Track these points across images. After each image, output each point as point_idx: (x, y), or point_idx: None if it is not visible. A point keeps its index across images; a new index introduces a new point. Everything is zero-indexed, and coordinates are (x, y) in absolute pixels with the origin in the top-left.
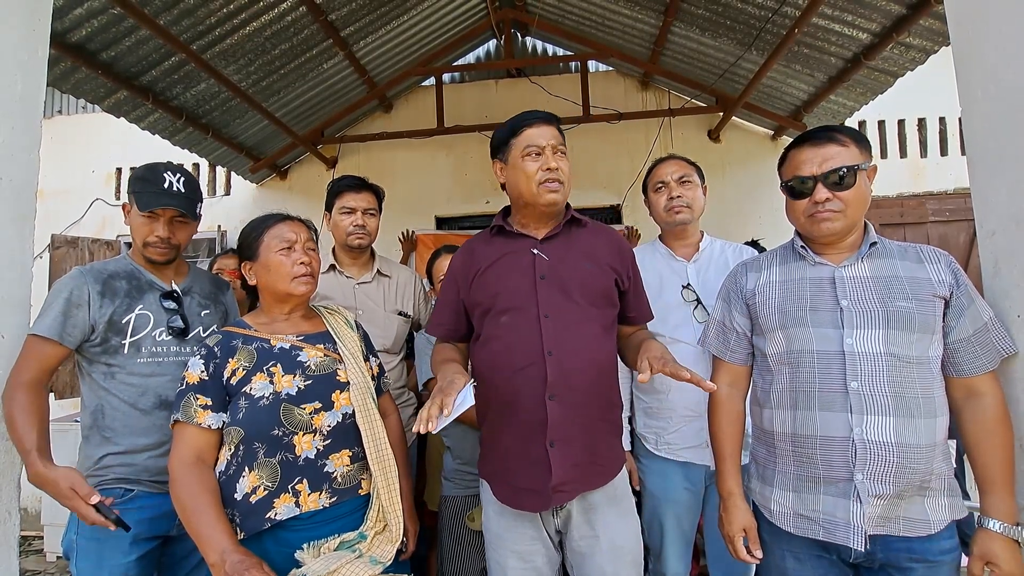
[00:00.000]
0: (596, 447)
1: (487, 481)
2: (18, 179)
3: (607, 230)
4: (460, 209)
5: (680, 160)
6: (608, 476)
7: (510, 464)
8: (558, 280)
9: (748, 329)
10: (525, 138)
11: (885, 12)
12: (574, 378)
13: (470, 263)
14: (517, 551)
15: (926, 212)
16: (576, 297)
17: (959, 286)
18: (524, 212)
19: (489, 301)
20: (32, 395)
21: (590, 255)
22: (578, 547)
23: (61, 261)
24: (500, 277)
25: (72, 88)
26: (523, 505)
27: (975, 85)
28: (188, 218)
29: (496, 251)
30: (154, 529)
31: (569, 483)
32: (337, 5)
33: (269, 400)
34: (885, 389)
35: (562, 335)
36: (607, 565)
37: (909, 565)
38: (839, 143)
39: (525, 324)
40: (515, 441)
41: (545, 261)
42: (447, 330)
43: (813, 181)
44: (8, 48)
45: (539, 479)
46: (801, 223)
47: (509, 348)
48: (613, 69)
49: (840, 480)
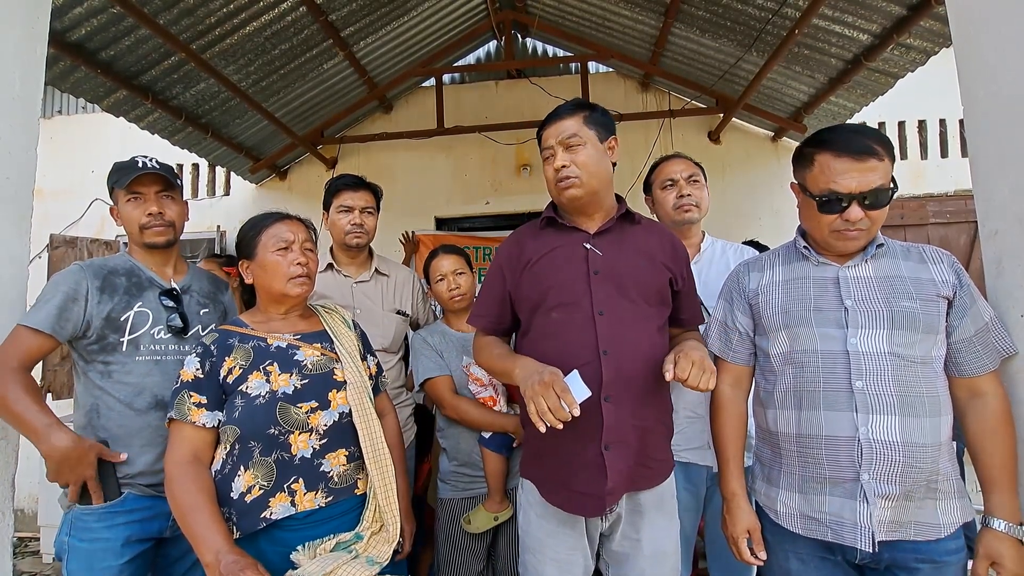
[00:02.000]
0: (649, 451)
1: (534, 484)
2: (16, 177)
3: (661, 228)
4: (460, 210)
5: (687, 159)
6: (660, 479)
7: (564, 468)
8: (613, 276)
9: (751, 329)
10: (541, 142)
11: (885, 13)
12: (630, 379)
13: (519, 255)
14: (556, 559)
15: (927, 214)
16: (632, 295)
17: (962, 286)
18: (564, 208)
19: (539, 295)
20: (25, 377)
21: (645, 252)
22: (620, 548)
23: (60, 261)
24: (552, 271)
25: (71, 87)
26: (579, 510)
27: (977, 84)
28: (172, 192)
29: (547, 244)
30: (147, 531)
31: (622, 486)
32: (337, 5)
33: (265, 399)
34: (890, 388)
35: (617, 333)
36: (648, 569)
37: (916, 566)
38: (878, 157)
39: (578, 321)
40: (569, 444)
41: (599, 256)
42: (490, 322)
43: (849, 199)
44: (6, 46)
45: (595, 483)
46: (823, 235)
47: (562, 345)
48: (613, 70)
49: (846, 480)
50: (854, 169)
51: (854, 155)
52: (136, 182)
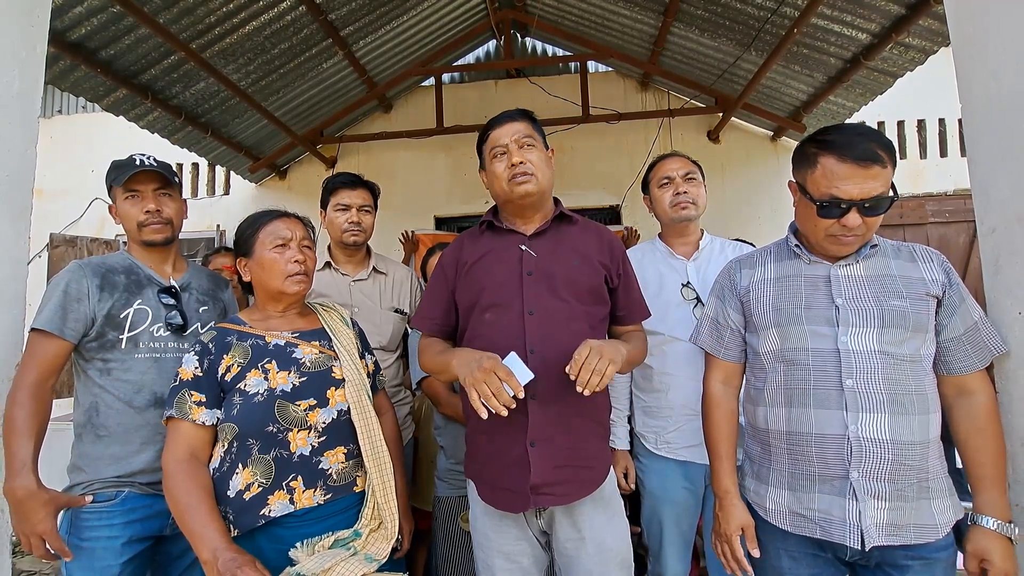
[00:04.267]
0: (580, 448)
1: (472, 480)
2: (15, 175)
3: (597, 227)
4: (459, 209)
5: (684, 157)
6: (596, 482)
7: (491, 464)
8: (545, 276)
9: (742, 326)
10: (491, 141)
11: (884, 12)
12: (558, 376)
13: (459, 258)
14: (503, 551)
15: (926, 213)
16: (563, 294)
17: (951, 285)
18: (507, 209)
19: (474, 297)
20: (35, 401)
21: (579, 251)
22: (564, 549)
23: (59, 260)
24: (486, 273)
25: (71, 86)
26: (503, 505)
27: (976, 83)
28: (171, 190)
29: (484, 247)
30: (146, 530)
31: (553, 485)
32: (337, 5)
33: (264, 396)
34: (880, 387)
35: (546, 332)
36: (594, 567)
37: (905, 563)
38: (882, 164)
39: (509, 321)
40: (496, 440)
41: (533, 257)
42: (435, 324)
43: (850, 206)
44: (6, 45)
45: (519, 479)
46: (819, 238)
47: (491, 345)
48: (612, 70)
49: (836, 478)
50: (857, 176)
51: (858, 161)
52: (134, 179)
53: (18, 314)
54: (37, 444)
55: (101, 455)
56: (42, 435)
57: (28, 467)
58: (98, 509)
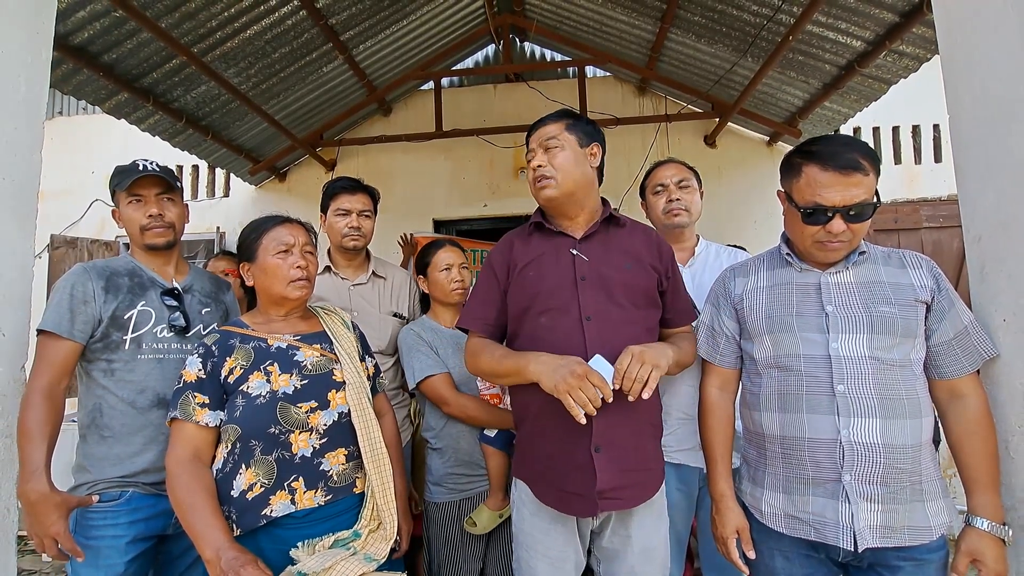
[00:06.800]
0: (640, 451)
1: (526, 483)
2: (21, 178)
3: (644, 228)
4: (458, 212)
5: (679, 164)
6: (656, 485)
7: (554, 468)
8: (600, 281)
9: (736, 333)
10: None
11: (878, 20)
12: None
13: (510, 259)
14: (548, 556)
15: (920, 218)
16: (619, 299)
17: (940, 291)
18: (548, 210)
19: (528, 300)
20: (48, 404)
21: (630, 255)
22: (610, 544)
23: (60, 261)
24: (539, 277)
25: (74, 90)
26: (571, 509)
27: (963, 91)
28: (173, 195)
29: (535, 249)
30: (149, 529)
31: (618, 490)
32: (337, 9)
33: (266, 398)
34: (871, 392)
35: (606, 338)
36: (637, 566)
37: (897, 564)
38: (864, 172)
39: (567, 326)
40: (559, 446)
41: (585, 262)
42: (488, 326)
43: (833, 212)
44: (12, 50)
45: (585, 484)
46: (806, 245)
47: (552, 350)
48: (610, 74)
49: (828, 481)
50: (839, 183)
51: (840, 169)
52: (137, 184)
53: (24, 314)
54: (50, 447)
55: (105, 455)
56: (55, 438)
57: (41, 471)
58: (103, 509)
